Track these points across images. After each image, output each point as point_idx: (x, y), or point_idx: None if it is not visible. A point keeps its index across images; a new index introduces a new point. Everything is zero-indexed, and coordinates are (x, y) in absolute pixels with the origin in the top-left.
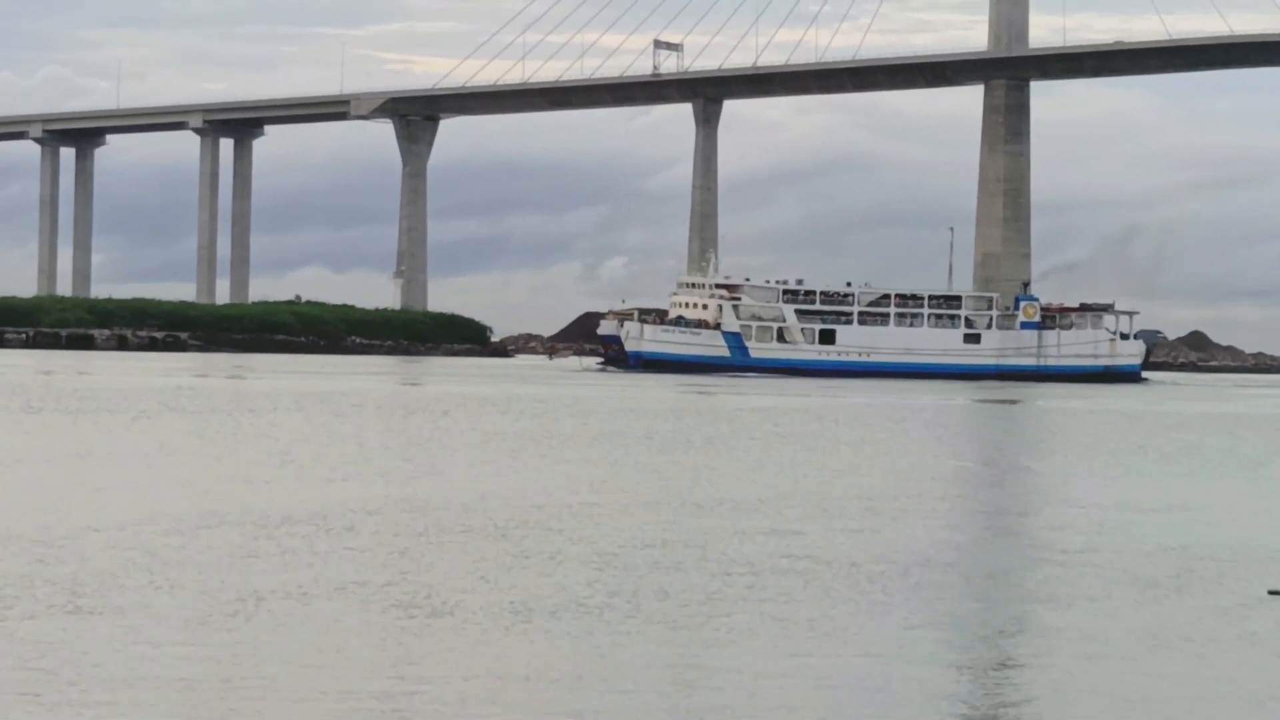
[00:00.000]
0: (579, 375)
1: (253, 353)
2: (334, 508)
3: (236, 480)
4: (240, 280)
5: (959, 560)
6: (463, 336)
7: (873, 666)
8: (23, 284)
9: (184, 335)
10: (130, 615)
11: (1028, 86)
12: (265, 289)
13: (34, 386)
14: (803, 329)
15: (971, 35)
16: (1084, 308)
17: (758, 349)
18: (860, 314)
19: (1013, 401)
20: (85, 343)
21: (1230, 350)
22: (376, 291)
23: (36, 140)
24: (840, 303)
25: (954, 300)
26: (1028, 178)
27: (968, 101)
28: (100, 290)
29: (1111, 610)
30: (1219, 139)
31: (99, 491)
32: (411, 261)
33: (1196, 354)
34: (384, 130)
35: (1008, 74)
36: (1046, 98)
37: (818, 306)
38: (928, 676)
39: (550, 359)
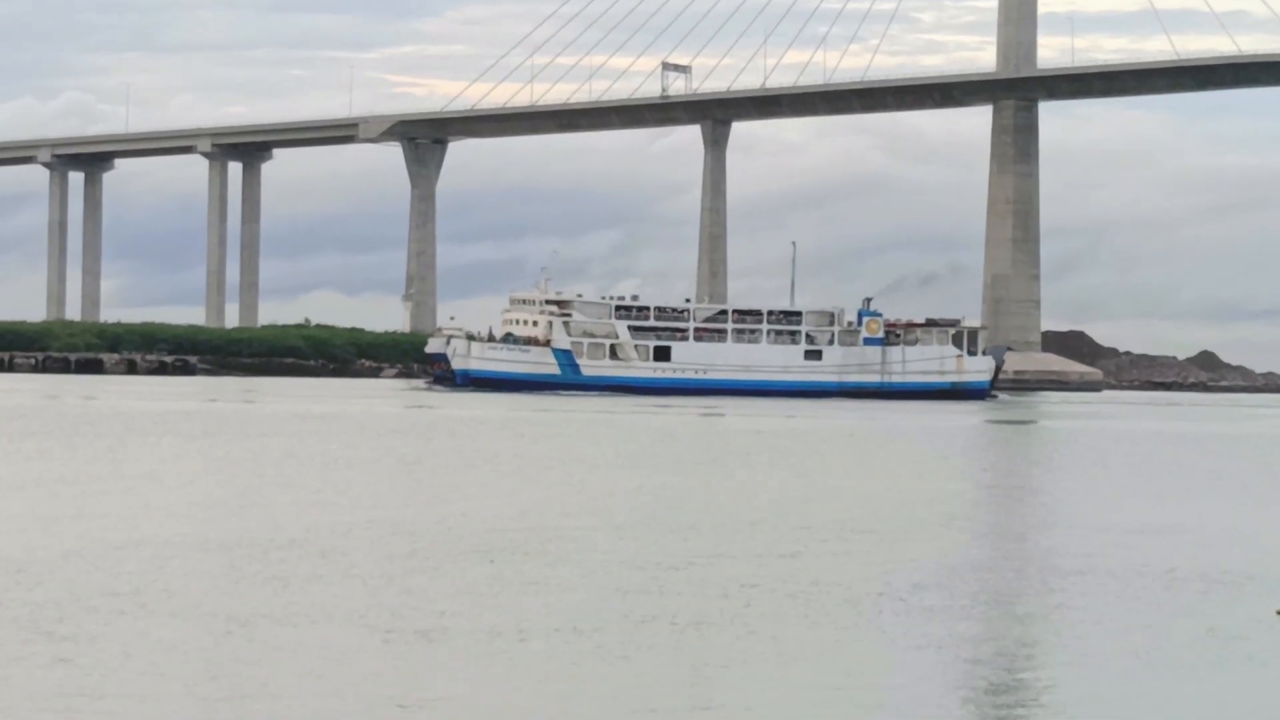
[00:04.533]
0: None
1: (262, 376)
2: (320, 530)
3: (230, 504)
4: (249, 304)
5: (959, 582)
6: None
7: (872, 689)
8: (33, 309)
9: (193, 359)
10: (121, 640)
11: (1036, 107)
12: (275, 312)
13: (39, 411)
14: (636, 346)
15: (981, 56)
16: (930, 323)
17: (589, 366)
18: (696, 330)
19: (1021, 422)
20: (94, 367)
21: (1240, 370)
22: (388, 314)
23: (45, 165)
24: (675, 319)
25: (794, 316)
26: (1037, 198)
27: (985, 122)
28: (110, 315)
29: (1116, 631)
30: (1231, 160)
31: (92, 516)
32: (421, 285)
33: (1206, 374)
34: (393, 153)
35: (1016, 94)
36: (1062, 118)
37: (652, 323)
38: (927, 698)
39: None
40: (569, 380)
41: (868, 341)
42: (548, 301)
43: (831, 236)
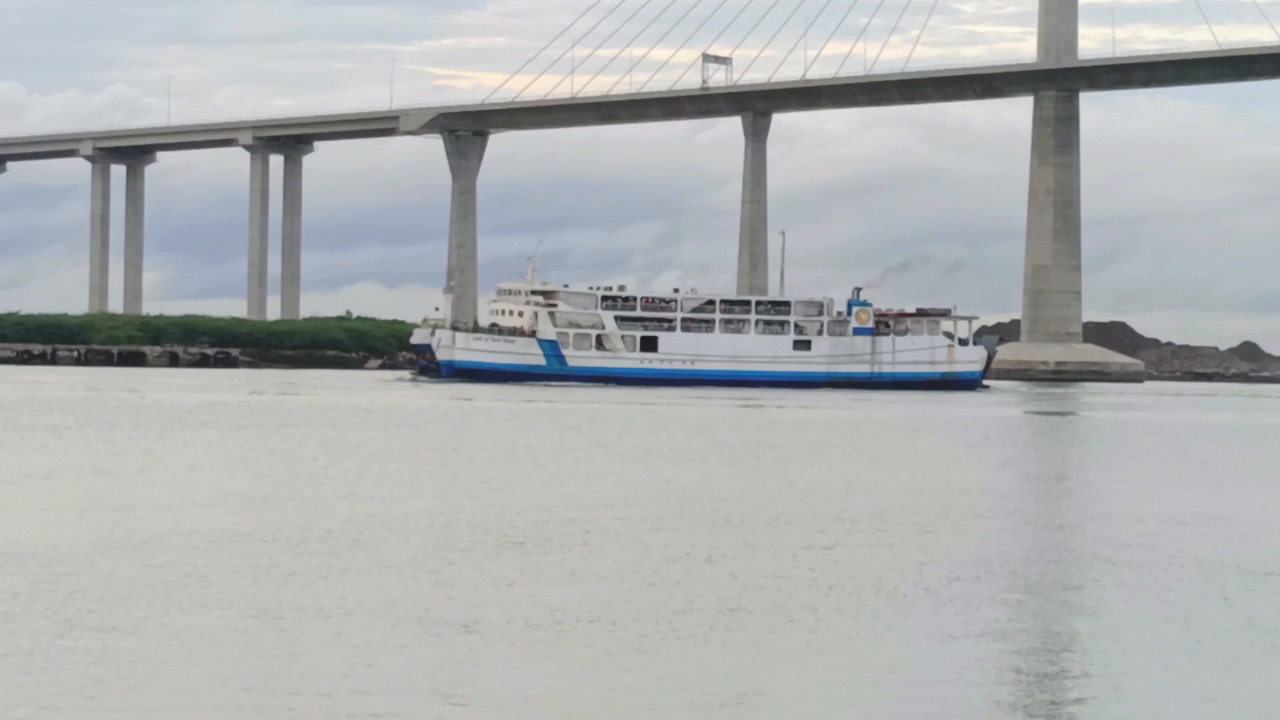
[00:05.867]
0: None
1: (304, 368)
2: (358, 521)
3: (266, 496)
4: (291, 296)
5: (995, 573)
6: None
7: (909, 679)
8: (75, 302)
9: (235, 351)
10: (156, 632)
11: (1077, 98)
12: (317, 305)
13: (81, 403)
14: (623, 336)
15: (1022, 47)
16: (920, 313)
17: (575, 357)
18: (684, 321)
19: (1063, 413)
20: (137, 360)
21: None
22: (429, 307)
23: (87, 158)
24: (662, 309)
25: (783, 306)
26: (1078, 189)
27: (1028, 113)
28: (152, 308)
29: (1152, 622)
30: (1275, 150)
31: (130, 508)
32: (461, 277)
33: (1249, 365)
34: (434, 145)
35: (1056, 85)
36: (1105, 109)
37: (638, 313)
38: (963, 689)
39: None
40: (554, 371)
41: (857, 332)
42: (533, 292)
43: (874, 227)
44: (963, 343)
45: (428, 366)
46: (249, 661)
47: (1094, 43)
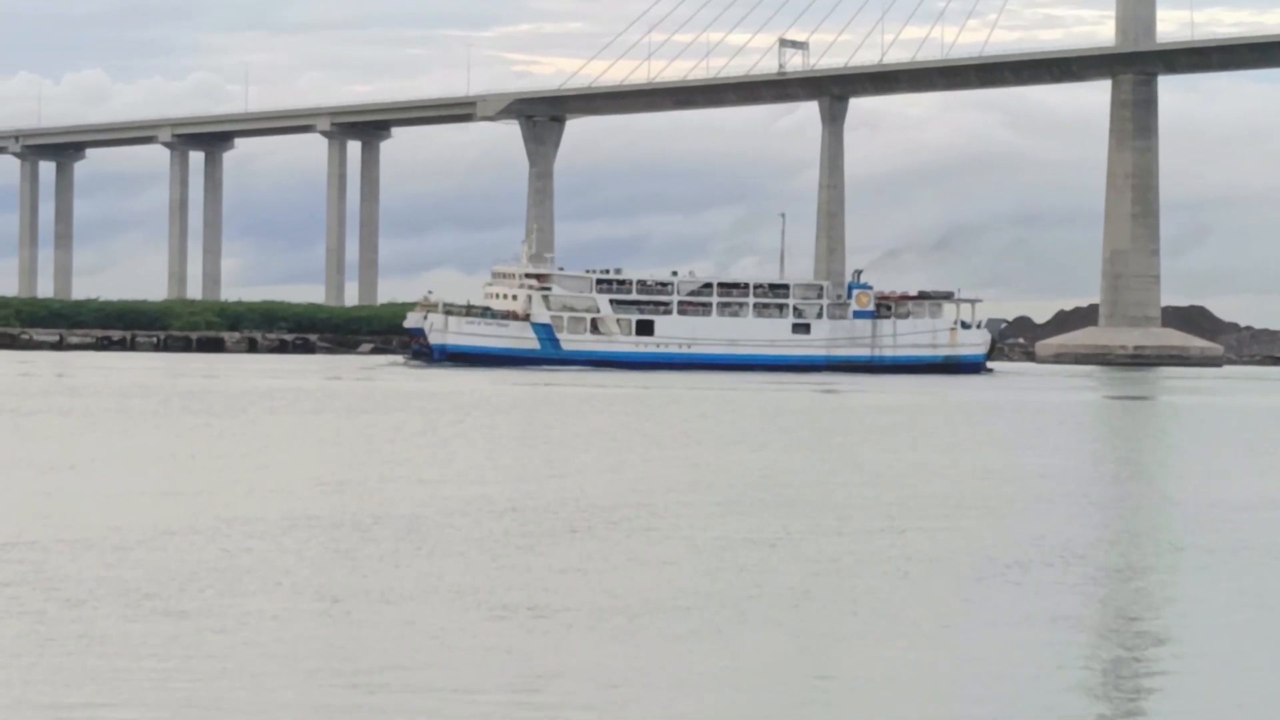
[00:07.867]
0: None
1: (381, 354)
2: (428, 506)
3: (336, 480)
4: (369, 282)
5: (1064, 558)
6: None
7: (982, 664)
8: (155, 288)
9: (313, 337)
10: (225, 616)
11: (1155, 81)
12: (396, 290)
13: (159, 389)
14: (618, 320)
15: (1100, 31)
16: (922, 295)
17: (570, 341)
18: (680, 304)
19: (1142, 398)
20: (215, 346)
21: None
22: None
23: (166, 145)
24: (659, 292)
25: (781, 289)
26: (1156, 173)
27: (1107, 97)
28: (231, 294)
29: (1222, 608)
30: None
31: (200, 492)
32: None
33: None
34: (511, 131)
35: (1134, 69)
36: (1184, 92)
37: (634, 296)
38: (1032, 674)
39: None
40: (548, 355)
41: (857, 315)
42: (528, 275)
43: (953, 212)
44: (965, 326)
45: (421, 350)
46: (318, 645)
47: (1172, 26)
